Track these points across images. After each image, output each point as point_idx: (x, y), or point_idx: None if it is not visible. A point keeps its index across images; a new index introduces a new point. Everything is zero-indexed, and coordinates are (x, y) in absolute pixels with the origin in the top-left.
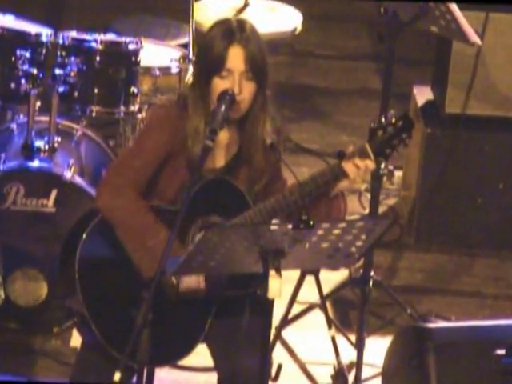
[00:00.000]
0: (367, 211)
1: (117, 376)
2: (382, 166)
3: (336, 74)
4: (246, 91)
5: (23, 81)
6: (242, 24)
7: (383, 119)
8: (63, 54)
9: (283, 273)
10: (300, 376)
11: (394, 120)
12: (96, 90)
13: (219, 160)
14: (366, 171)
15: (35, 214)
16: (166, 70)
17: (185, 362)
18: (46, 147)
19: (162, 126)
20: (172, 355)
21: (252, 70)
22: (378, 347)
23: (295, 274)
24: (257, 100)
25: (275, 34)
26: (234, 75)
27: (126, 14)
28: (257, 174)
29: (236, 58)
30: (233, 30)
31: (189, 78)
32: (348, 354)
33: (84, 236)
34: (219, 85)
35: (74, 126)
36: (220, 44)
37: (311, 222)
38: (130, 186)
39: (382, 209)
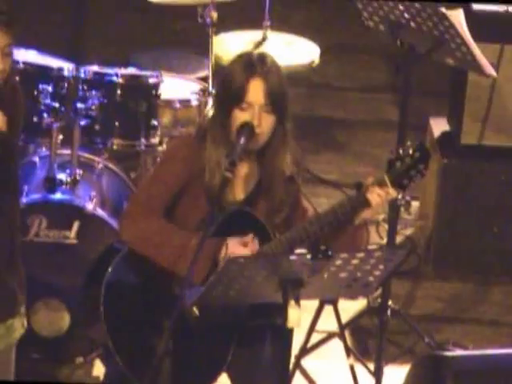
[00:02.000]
0: (385, 241)
1: None
2: (400, 196)
3: (353, 105)
4: (265, 124)
5: (45, 114)
6: (262, 57)
7: (401, 150)
8: (84, 87)
9: (302, 302)
10: None
11: (411, 151)
12: (117, 123)
13: (239, 192)
14: (387, 199)
15: (57, 246)
16: (186, 103)
17: None
18: (68, 180)
19: (178, 157)
20: None
21: (272, 103)
22: (396, 376)
23: (314, 303)
24: (276, 132)
25: (293, 67)
26: (254, 108)
27: (146, 47)
28: (276, 206)
29: (256, 90)
30: (253, 63)
31: (208, 110)
32: (367, 383)
33: (109, 269)
34: (239, 117)
35: (96, 158)
36: (241, 76)
37: (330, 253)
38: (149, 213)
39: (399, 238)
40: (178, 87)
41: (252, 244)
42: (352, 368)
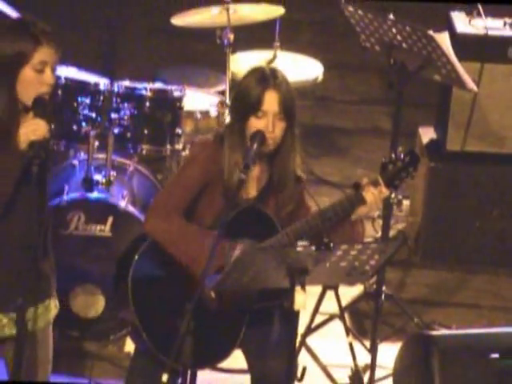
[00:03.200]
0: (379, 234)
1: (164, 377)
2: (392, 195)
3: (352, 116)
4: (277, 130)
5: (84, 123)
6: (274, 71)
7: (393, 155)
8: (118, 100)
9: (307, 288)
10: (322, 377)
11: (402, 156)
12: (146, 131)
13: (251, 190)
14: (381, 198)
15: (94, 238)
16: (206, 114)
17: (222, 364)
18: (104, 180)
19: (198, 162)
20: (212, 359)
21: (284, 112)
22: (389, 352)
23: (317, 288)
24: (287, 137)
25: (299, 82)
26: (268, 116)
27: (171, 65)
28: (284, 202)
29: (271, 101)
30: (267, 77)
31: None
32: (363, 358)
33: (136, 257)
34: (255, 124)
35: (127, 162)
36: (256, 89)
37: (331, 245)
38: (172, 211)
39: (392, 232)
40: (198, 100)
41: None
42: (351, 345)
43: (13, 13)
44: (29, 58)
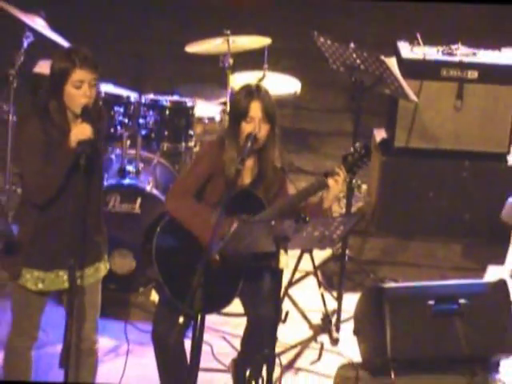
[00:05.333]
0: (344, 211)
1: (181, 319)
2: (354, 181)
3: (323, 121)
4: (263, 131)
5: (119, 127)
6: (258, 87)
7: (351, 148)
8: (145, 109)
9: (289, 251)
10: (300, 319)
11: (358, 149)
12: (166, 133)
13: (246, 178)
14: (343, 182)
15: (127, 214)
16: (212, 119)
17: (225, 310)
18: (134, 170)
19: (206, 157)
20: (218, 306)
21: (267, 117)
22: (351, 300)
23: (296, 252)
24: (270, 137)
25: (282, 96)
26: (255, 121)
27: (186, 82)
28: (270, 186)
29: (256, 109)
30: (252, 91)
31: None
32: (332, 305)
33: (158, 230)
34: (245, 127)
35: (152, 156)
36: (244, 100)
37: (307, 218)
38: (186, 194)
39: (353, 209)
40: (206, 109)
41: None
42: (322, 295)
43: (64, 43)
44: (69, 77)
